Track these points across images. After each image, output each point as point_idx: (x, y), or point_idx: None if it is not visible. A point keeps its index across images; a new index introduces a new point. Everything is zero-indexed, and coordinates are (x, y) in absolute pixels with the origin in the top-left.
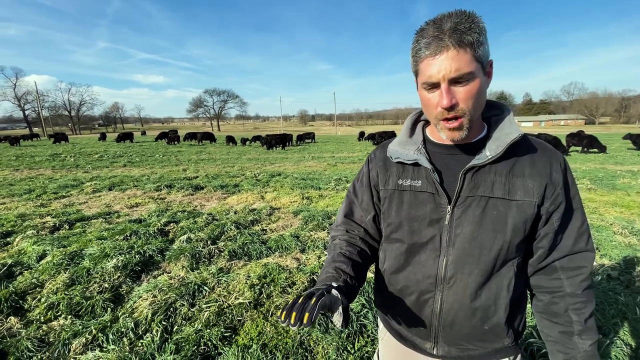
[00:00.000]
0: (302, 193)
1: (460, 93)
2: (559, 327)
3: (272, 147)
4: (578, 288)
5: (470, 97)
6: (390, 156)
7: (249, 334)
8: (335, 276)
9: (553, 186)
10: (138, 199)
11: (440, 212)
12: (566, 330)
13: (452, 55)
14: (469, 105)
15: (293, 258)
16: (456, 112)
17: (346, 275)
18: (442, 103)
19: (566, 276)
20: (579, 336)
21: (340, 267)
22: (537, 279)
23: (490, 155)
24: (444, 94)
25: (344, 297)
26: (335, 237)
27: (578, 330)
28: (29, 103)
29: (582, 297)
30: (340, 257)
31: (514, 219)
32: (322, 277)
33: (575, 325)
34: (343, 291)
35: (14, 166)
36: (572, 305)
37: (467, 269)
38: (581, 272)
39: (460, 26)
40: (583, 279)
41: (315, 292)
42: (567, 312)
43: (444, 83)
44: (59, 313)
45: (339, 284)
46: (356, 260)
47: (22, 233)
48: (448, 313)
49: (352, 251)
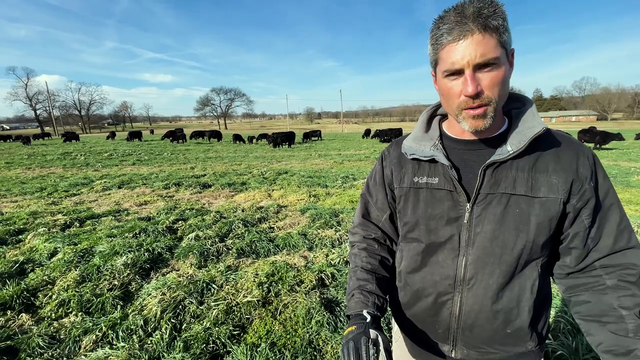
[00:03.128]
0: (309, 191)
1: (486, 80)
2: (608, 326)
3: (278, 145)
4: (620, 281)
5: (496, 85)
6: (405, 153)
7: (257, 332)
8: (363, 301)
9: (580, 182)
10: (147, 197)
11: (459, 210)
12: (618, 329)
13: (477, 39)
14: (494, 93)
15: (301, 256)
16: (481, 101)
17: (373, 296)
18: (467, 90)
19: (605, 272)
20: (635, 334)
21: (365, 287)
22: (573, 281)
23: (512, 150)
24: (469, 80)
25: (383, 335)
26: (354, 244)
27: (633, 327)
28: (40, 103)
29: (628, 290)
30: (363, 274)
31: (538, 217)
32: (351, 303)
33: (628, 320)
34: (376, 318)
35: (26, 165)
36: (618, 300)
37: (488, 269)
38: (625, 269)
39: (485, 10)
40: (626, 274)
41: (358, 347)
42: (614, 309)
43: (469, 69)
44: (70, 310)
45: (369, 311)
46: (379, 274)
47: (34, 231)
48: (468, 315)
49: (373, 263)
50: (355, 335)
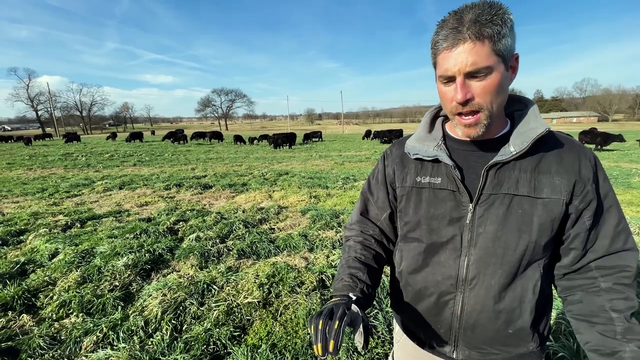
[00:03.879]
0: (310, 192)
1: (477, 88)
2: (597, 327)
3: (279, 146)
4: (615, 284)
5: (487, 92)
6: (408, 152)
7: (258, 333)
8: (351, 285)
9: (582, 183)
10: (148, 198)
11: (461, 210)
12: (606, 330)
13: (468, 48)
14: (485, 100)
15: (301, 257)
16: (471, 107)
17: (362, 284)
18: (456, 98)
19: (600, 274)
20: (622, 336)
21: (356, 274)
22: (568, 282)
23: (515, 151)
24: (459, 88)
25: (363, 314)
26: (350, 238)
27: (621, 330)
28: (41, 104)
29: (621, 293)
30: (355, 263)
31: (540, 217)
32: (338, 285)
33: (617, 323)
34: (361, 303)
35: (28, 165)
36: (610, 302)
37: (490, 269)
38: (620, 272)
39: (482, 18)
40: (621, 277)
41: (335, 310)
42: (605, 310)
43: (460, 77)
44: (71, 311)
45: (356, 294)
46: (372, 265)
47: (35, 231)
48: (469, 315)
49: (367, 255)
50: (336, 303)
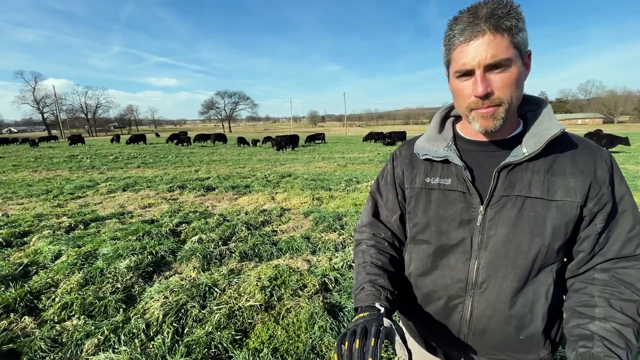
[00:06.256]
0: (313, 194)
1: (497, 81)
2: (577, 302)
3: (282, 148)
4: (612, 278)
5: (508, 86)
6: (418, 153)
7: (259, 337)
8: (376, 294)
9: (598, 185)
10: (151, 200)
11: (472, 212)
12: (584, 305)
13: (488, 40)
14: (505, 94)
15: (304, 260)
16: (491, 102)
17: (386, 291)
18: (477, 91)
19: (600, 271)
20: (599, 320)
21: (376, 281)
22: (571, 284)
23: (528, 152)
24: (479, 81)
25: (397, 325)
26: (361, 242)
27: (600, 313)
28: (47, 106)
29: (616, 287)
30: (373, 269)
31: (554, 220)
32: (361, 295)
33: (598, 303)
34: (389, 312)
35: (33, 167)
36: (601, 291)
37: (501, 273)
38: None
39: (498, 11)
40: (624, 274)
41: (368, 328)
42: (593, 297)
43: (479, 70)
44: (73, 313)
45: (383, 304)
46: (390, 270)
47: (39, 233)
48: (479, 320)
49: (383, 260)
50: (368, 319)
